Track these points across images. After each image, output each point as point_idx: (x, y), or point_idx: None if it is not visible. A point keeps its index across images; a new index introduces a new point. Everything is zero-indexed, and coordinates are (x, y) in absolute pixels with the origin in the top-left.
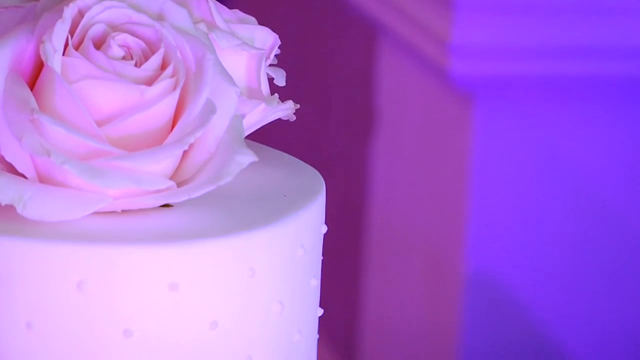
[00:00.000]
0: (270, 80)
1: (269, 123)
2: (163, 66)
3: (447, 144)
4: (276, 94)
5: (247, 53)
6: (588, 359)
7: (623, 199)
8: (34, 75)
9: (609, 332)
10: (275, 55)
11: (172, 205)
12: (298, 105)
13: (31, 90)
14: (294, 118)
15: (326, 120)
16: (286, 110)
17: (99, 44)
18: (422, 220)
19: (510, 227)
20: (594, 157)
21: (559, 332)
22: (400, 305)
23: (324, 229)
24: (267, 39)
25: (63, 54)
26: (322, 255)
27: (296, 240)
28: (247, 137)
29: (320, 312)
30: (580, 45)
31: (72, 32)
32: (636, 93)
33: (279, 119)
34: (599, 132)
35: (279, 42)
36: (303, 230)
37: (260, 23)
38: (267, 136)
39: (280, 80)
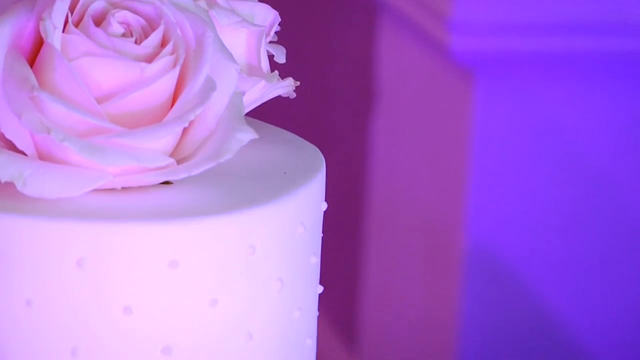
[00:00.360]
0: (271, 57)
1: (269, 100)
2: (163, 43)
3: (448, 121)
4: (276, 71)
5: (247, 30)
6: (588, 331)
7: (621, 172)
8: (34, 52)
9: (609, 304)
10: (275, 32)
11: (172, 183)
12: (298, 83)
13: (31, 67)
14: (294, 95)
15: (326, 97)
16: (286, 87)
17: (99, 21)
18: (422, 197)
19: (510, 203)
20: (594, 133)
21: (559, 305)
22: (400, 282)
23: (324, 206)
24: (267, 16)
25: (63, 31)
26: (322, 232)
27: (296, 217)
28: (247, 114)
29: (321, 289)
30: (581, 21)
31: (71, 9)
32: (636, 69)
33: (279, 96)
34: (598, 107)
35: (279, 19)
36: (303, 208)
37: (261, 0)
38: (267, 113)
39: (281, 58)
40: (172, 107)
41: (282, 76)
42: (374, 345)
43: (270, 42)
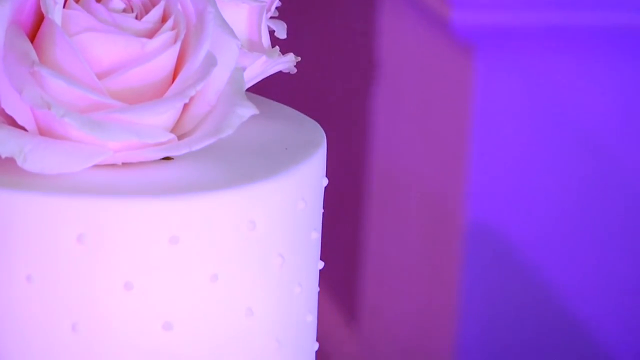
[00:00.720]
0: (271, 32)
1: (270, 76)
2: (164, 19)
3: (448, 95)
4: (277, 47)
5: (248, 5)
6: (589, 310)
7: (624, 147)
8: (35, 27)
9: (609, 279)
10: (276, 8)
11: (172, 158)
12: (299, 58)
13: (32, 43)
14: (294, 71)
15: (327, 72)
16: (287, 62)
17: None
18: (422, 172)
19: (511, 179)
20: (595, 107)
21: (558, 280)
22: (401, 258)
23: (325, 181)
24: None
25: (64, 7)
26: (323, 208)
27: (297, 193)
28: (248, 89)
29: (321, 264)
30: None
31: None
32: (636, 42)
33: (280, 71)
34: (599, 81)
35: None
36: (304, 183)
37: None
38: (268, 89)
39: (281, 33)
40: (172, 82)
41: (283, 52)
42: (374, 321)
43: (271, 17)
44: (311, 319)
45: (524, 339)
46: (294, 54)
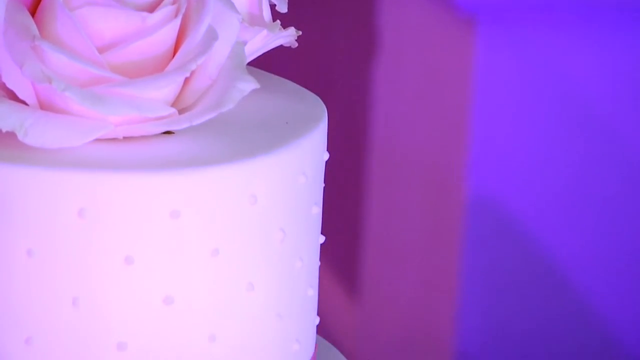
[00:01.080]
0: (272, 6)
1: (270, 50)
2: None
3: (450, 69)
4: (278, 21)
5: None
6: (589, 276)
7: (624, 120)
8: (36, 2)
9: (610, 249)
10: None
11: (173, 133)
12: (300, 32)
13: (32, 17)
14: (295, 45)
15: (328, 46)
16: (288, 37)
17: None
18: (424, 146)
19: (512, 150)
20: (597, 80)
21: (559, 250)
22: (402, 232)
23: (326, 156)
24: None
25: None
26: (324, 182)
27: (298, 167)
28: (249, 63)
29: (322, 239)
30: None
31: None
32: (636, 14)
33: (281, 45)
34: (601, 54)
35: None
36: (305, 158)
37: None
38: (269, 63)
39: (282, 7)
40: (173, 56)
41: (284, 26)
42: (375, 295)
43: None
44: (312, 293)
45: (524, 307)
46: (295, 27)
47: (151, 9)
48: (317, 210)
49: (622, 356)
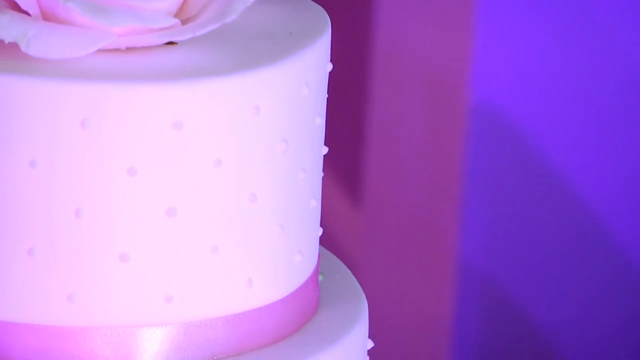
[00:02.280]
0: None
1: None
2: None
3: None
4: None
5: None
6: (596, 192)
7: (631, 32)
8: None
9: (615, 163)
10: None
11: (176, 43)
12: None
13: None
14: None
15: None
16: None
17: None
18: (428, 54)
19: (516, 57)
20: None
21: (564, 163)
22: (405, 142)
23: (329, 67)
24: None
25: None
26: (327, 93)
27: (301, 78)
28: None
29: (325, 150)
30: None
31: None
32: None
33: None
34: None
35: None
36: (308, 69)
37: None
38: None
39: None
40: None
41: None
42: (378, 205)
43: None
44: (315, 204)
45: (528, 213)
46: None
47: None
48: (320, 122)
49: (629, 259)
